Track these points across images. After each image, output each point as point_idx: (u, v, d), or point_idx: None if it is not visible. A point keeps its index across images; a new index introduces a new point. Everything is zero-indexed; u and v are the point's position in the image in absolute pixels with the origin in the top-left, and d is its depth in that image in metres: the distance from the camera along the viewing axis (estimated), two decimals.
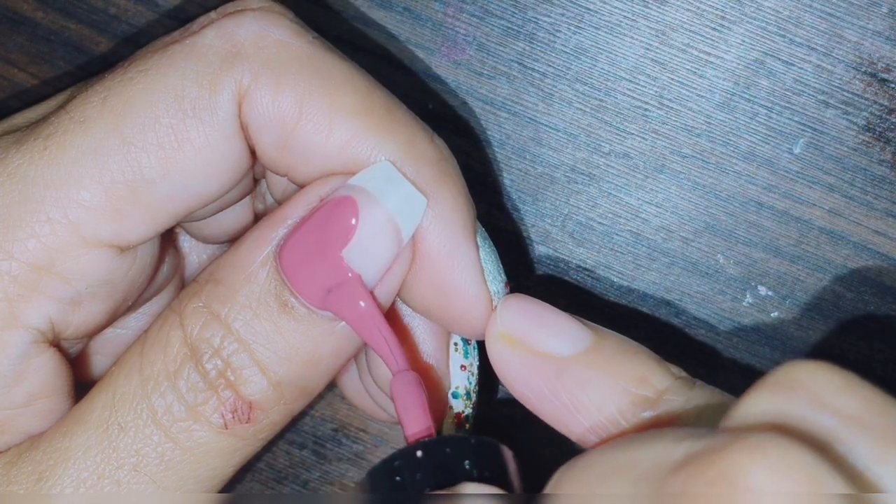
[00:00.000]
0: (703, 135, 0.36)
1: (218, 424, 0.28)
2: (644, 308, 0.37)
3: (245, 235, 0.29)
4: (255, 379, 0.28)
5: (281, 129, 0.28)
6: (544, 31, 0.36)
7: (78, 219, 0.27)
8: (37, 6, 0.38)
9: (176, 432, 0.28)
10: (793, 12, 0.35)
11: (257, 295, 0.28)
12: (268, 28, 0.28)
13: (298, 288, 0.28)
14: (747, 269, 0.36)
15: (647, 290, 0.37)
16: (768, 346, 0.37)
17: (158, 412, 0.27)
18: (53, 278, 0.27)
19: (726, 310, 0.37)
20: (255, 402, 0.28)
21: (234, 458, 0.29)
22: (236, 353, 0.28)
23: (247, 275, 0.28)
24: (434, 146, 0.29)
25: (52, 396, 0.28)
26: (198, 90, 0.28)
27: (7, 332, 0.27)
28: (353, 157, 0.28)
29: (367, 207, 0.28)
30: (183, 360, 0.28)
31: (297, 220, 0.28)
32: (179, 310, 0.28)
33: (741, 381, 0.28)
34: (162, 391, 0.27)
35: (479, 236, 0.30)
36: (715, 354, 0.37)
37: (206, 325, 0.28)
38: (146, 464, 0.27)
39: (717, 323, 0.37)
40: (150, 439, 0.27)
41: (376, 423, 0.39)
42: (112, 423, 0.27)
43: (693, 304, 0.37)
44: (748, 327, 0.37)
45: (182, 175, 0.28)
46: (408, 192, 0.28)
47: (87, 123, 0.27)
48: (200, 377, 0.28)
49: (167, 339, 0.28)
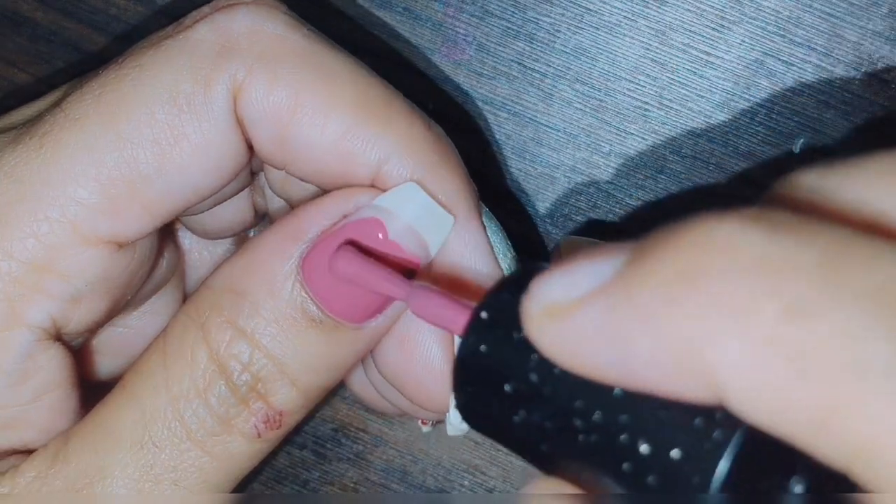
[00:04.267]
0: (703, 135, 0.36)
1: (251, 434, 0.28)
2: None
3: (260, 243, 0.29)
4: (285, 390, 0.28)
5: (277, 123, 0.28)
6: (544, 31, 0.36)
7: (76, 216, 0.27)
8: (37, 6, 0.38)
9: (211, 446, 0.28)
10: (793, 12, 0.35)
11: (283, 309, 0.28)
12: (261, 21, 0.28)
13: (323, 300, 0.28)
14: None
15: None
16: None
17: (192, 429, 0.28)
18: (53, 276, 0.27)
19: None
20: (285, 410, 0.28)
21: (259, 458, 0.29)
22: (265, 367, 0.28)
23: (271, 288, 0.28)
24: (432, 133, 0.29)
25: (58, 390, 0.28)
26: (193, 85, 0.28)
27: (10, 332, 0.27)
28: (351, 149, 0.28)
29: (392, 227, 0.28)
30: (212, 376, 0.28)
31: (317, 233, 0.28)
32: (200, 323, 0.28)
33: None
34: (194, 408, 0.28)
35: (484, 217, 0.30)
36: None
37: (233, 342, 0.28)
38: (185, 478, 0.28)
39: None
40: (186, 454, 0.28)
41: (376, 423, 0.39)
42: (146, 441, 0.28)
43: None
44: None
45: (178, 170, 0.28)
46: (434, 212, 0.28)
47: (82, 121, 0.27)
48: (231, 392, 0.28)
49: (192, 355, 0.28)
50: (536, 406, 0.21)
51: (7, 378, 0.28)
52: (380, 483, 0.39)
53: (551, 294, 0.20)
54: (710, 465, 0.19)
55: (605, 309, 0.19)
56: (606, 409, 0.20)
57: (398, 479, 0.39)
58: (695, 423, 0.19)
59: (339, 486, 0.39)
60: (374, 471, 0.39)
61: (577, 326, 0.20)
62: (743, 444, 0.19)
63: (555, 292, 0.20)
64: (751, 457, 0.19)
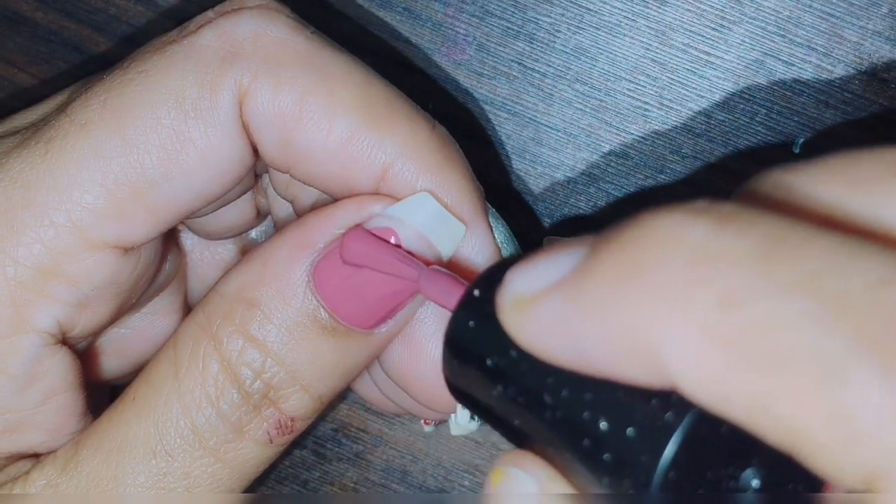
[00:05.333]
0: (703, 135, 0.36)
1: (263, 440, 0.28)
2: None
3: (272, 250, 0.29)
4: (297, 396, 0.28)
5: (282, 127, 0.28)
6: (544, 31, 0.36)
7: (82, 221, 0.27)
8: (37, 6, 0.38)
9: (224, 453, 0.28)
10: (793, 12, 0.35)
11: (295, 317, 0.28)
12: (265, 26, 0.28)
13: (334, 308, 0.28)
14: None
15: None
16: None
17: (205, 437, 0.28)
18: (59, 282, 0.27)
19: None
20: (296, 416, 0.29)
21: (269, 463, 0.29)
22: (278, 375, 0.28)
23: (283, 297, 0.28)
24: (436, 134, 0.29)
25: (65, 392, 0.29)
26: (198, 91, 0.28)
27: (17, 337, 0.27)
28: (355, 152, 0.28)
29: (405, 236, 0.28)
30: (224, 384, 0.28)
31: (329, 242, 0.28)
32: (211, 332, 0.28)
33: None
34: (206, 416, 0.28)
35: (490, 217, 0.30)
36: None
37: (245, 350, 0.28)
38: (198, 485, 0.28)
39: None
40: (199, 462, 0.28)
41: (376, 423, 0.39)
42: (159, 451, 0.28)
43: None
44: None
45: (184, 175, 0.28)
46: (446, 220, 0.29)
47: (88, 126, 0.27)
48: (243, 400, 0.28)
49: (204, 364, 0.28)
50: (513, 381, 0.22)
51: (14, 382, 0.28)
52: (380, 483, 0.39)
53: (518, 286, 0.22)
54: (661, 445, 0.19)
55: (561, 301, 0.20)
56: (573, 387, 0.21)
57: (398, 479, 0.39)
58: (651, 403, 0.20)
59: (339, 486, 0.39)
60: (374, 471, 0.39)
61: (538, 318, 0.21)
62: (694, 424, 0.19)
63: (521, 285, 0.22)
64: (703, 439, 0.19)
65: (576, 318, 0.20)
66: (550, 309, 0.21)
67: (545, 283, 0.21)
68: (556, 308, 0.20)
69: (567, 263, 0.21)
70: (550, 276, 0.21)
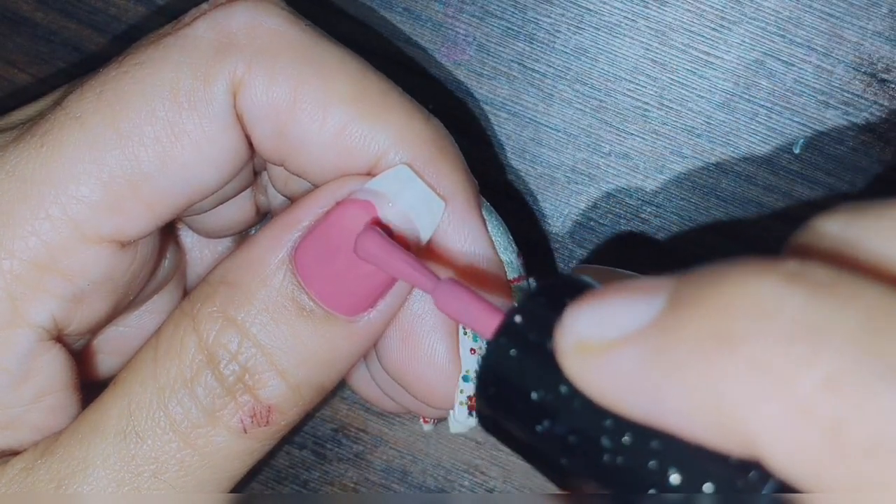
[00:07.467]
0: (704, 135, 0.36)
1: (237, 429, 0.28)
2: None
3: (256, 236, 0.29)
4: (274, 383, 0.28)
5: (276, 119, 0.28)
6: (544, 31, 0.36)
7: (78, 215, 0.27)
8: (37, 6, 0.38)
9: (194, 438, 0.28)
10: (793, 12, 0.35)
11: (274, 298, 0.28)
12: (259, 17, 0.28)
13: (315, 290, 0.28)
14: None
15: None
16: None
17: (176, 419, 0.27)
18: (55, 276, 0.27)
19: None
20: (273, 405, 0.28)
21: (250, 459, 0.29)
22: (254, 357, 0.28)
23: (262, 278, 0.28)
24: (430, 126, 0.29)
25: (59, 392, 0.28)
26: (192, 82, 0.28)
27: (12, 331, 0.27)
28: (349, 144, 0.28)
29: (384, 210, 0.28)
30: (199, 365, 0.27)
31: (311, 222, 0.28)
32: (192, 314, 0.28)
33: None
34: (179, 398, 0.27)
35: (484, 210, 0.30)
36: None
37: (223, 330, 0.28)
38: (165, 471, 0.27)
39: None
40: (168, 446, 0.27)
41: (376, 423, 0.39)
42: (129, 432, 0.27)
43: None
44: None
45: (180, 168, 0.28)
46: (425, 195, 0.28)
47: (83, 119, 0.27)
48: (218, 383, 0.27)
49: (181, 344, 0.28)
50: (563, 418, 0.21)
51: (9, 377, 0.27)
52: (380, 483, 0.39)
53: (586, 329, 0.20)
54: (745, 502, 0.19)
55: (640, 356, 0.19)
56: (638, 433, 0.20)
57: (398, 479, 0.39)
58: (730, 459, 0.19)
59: (339, 486, 0.39)
60: (374, 471, 0.39)
61: (611, 368, 0.20)
62: (779, 488, 0.19)
63: (589, 329, 0.20)
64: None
65: (656, 376, 0.19)
66: (626, 361, 0.19)
67: (619, 332, 0.20)
68: (634, 362, 0.19)
69: (645, 313, 0.20)
70: (625, 325, 0.20)
